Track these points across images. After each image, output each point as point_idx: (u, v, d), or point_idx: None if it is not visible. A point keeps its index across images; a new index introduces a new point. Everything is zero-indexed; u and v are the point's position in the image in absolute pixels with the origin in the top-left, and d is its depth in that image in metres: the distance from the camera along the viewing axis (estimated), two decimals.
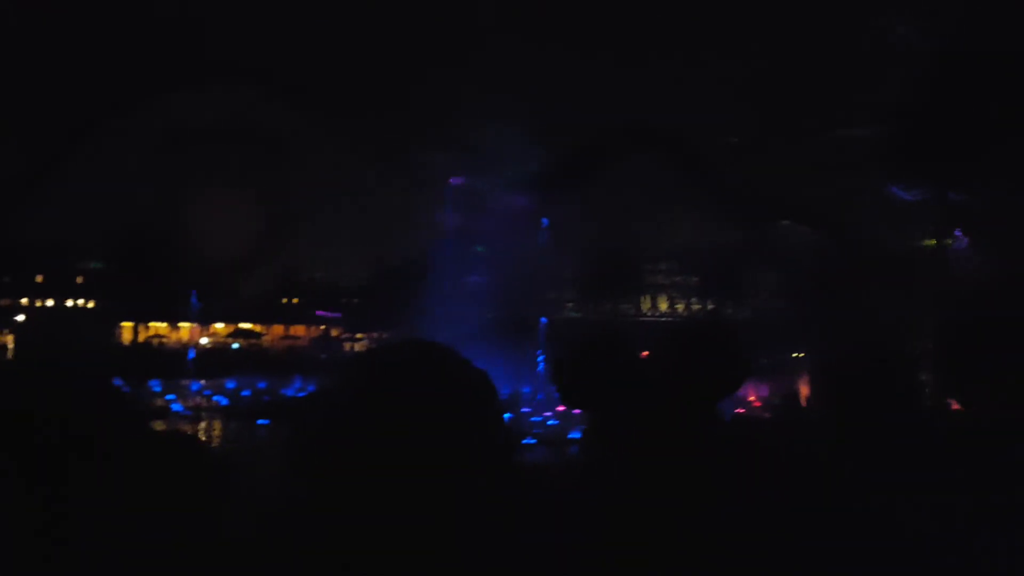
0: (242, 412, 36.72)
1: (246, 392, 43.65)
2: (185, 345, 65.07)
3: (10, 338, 67.19)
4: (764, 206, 77.79)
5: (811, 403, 3.14)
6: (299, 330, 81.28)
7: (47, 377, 2.19)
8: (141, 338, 74.24)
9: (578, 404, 2.94)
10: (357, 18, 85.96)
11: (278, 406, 36.59)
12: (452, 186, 76.39)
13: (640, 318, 74.84)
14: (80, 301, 76.20)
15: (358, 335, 74.95)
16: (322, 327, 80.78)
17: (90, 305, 75.76)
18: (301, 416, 1.66)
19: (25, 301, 74.90)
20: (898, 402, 2.99)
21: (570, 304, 74.41)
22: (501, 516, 1.74)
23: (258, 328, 78.86)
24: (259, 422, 32.37)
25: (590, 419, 2.71)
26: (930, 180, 48.66)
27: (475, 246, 67.31)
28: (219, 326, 76.92)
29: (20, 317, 73.33)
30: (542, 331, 44.55)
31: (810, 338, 43.56)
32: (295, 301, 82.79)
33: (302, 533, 1.64)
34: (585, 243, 72.58)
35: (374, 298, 73.71)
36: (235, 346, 72.86)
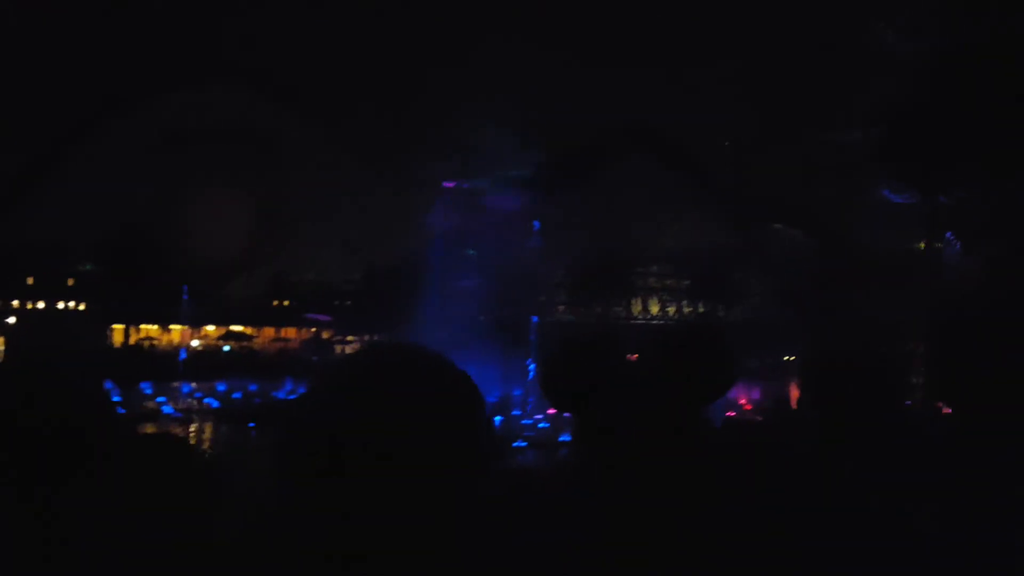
0: (233, 414, 36.66)
1: (237, 394, 43.58)
2: (176, 347, 64.95)
3: (0, 340, 66.93)
4: (757, 208, 77.97)
5: (801, 405, 3.15)
6: (290, 332, 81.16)
7: (37, 378, 2.19)
8: (132, 340, 74.06)
9: (565, 407, 2.94)
10: (352, 21, 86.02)
11: (269, 408, 36.55)
12: (444, 188, 76.42)
13: (631, 321, 74.83)
14: (71, 303, 75.98)
15: (349, 337, 74.85)
16: (313, 329, 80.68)
17: (81, 308, 75.55)
18: (287, 418, 1.67)
19: (16, 303, 74.64)
20: (889, 404, 3.00)
21: (561, 307, 74.40)
22: (488, 517, 1.75)
23: (249, 330, 78.70)
24: (250, 424, 32.34)
25: (578, 422, 2.72)
26: (921, 183, 48.78)
27: (467, 248, 67.28)
28: (210, 328, 76.75)
29: (11, 319, 73.10)
30: (533, 333, 44.51)
31: (801, 340, 43.64)
32: (286, 303, 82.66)
33: (292, 534, 1.64)
34: (577, 246, 72.57)
35: (366, 300, 73.64)
36: (226, 348, 72.71)
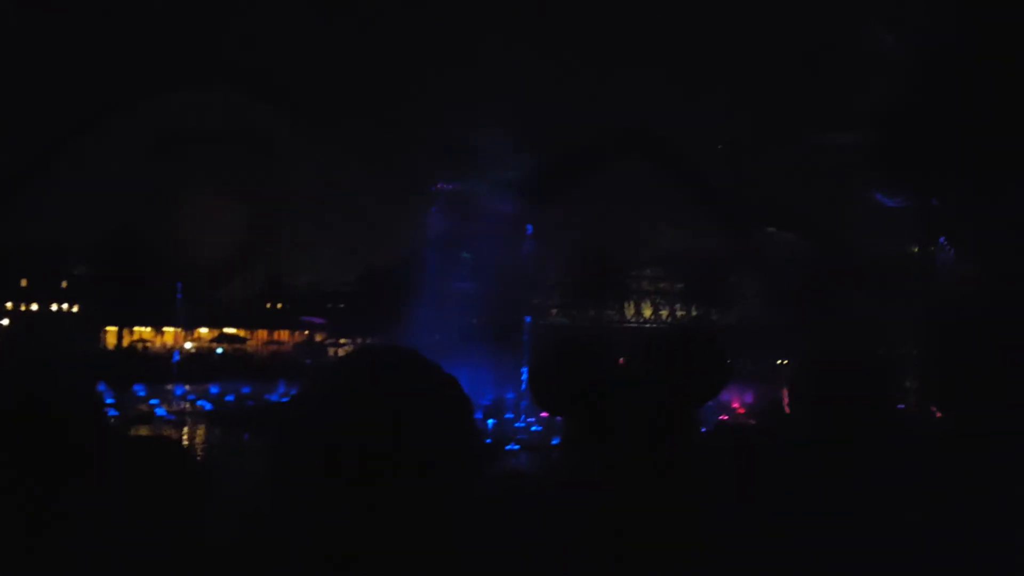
0: (226, 417, 36.60)
1: (230, 397, 43.51)
2: (170, 350, 64.82)
3: None
4: (751, 211, 78.08)
5: (795, 409, 3.16)
6: (283, 335, 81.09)
7: (31, 380, 2.19)
8: (126, 342, 73.97)
9: (556, 410, 2.94)
10: (350, 23, 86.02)
11: (262, 411, 36.49)
12: (439, 191, 76.39)
13: (624, 324, 74.85)
14: (65, 305, 75.85)
15: (342, 340, 74.77)
16: (306, 332, 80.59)
17: (75, 309, 75.43)
18: (279, 420, 1.67)
19: (10, 305, 74.51)
20: (882, 407, 3.00)
21: (555, 310, 74.39)
22: (481, 519, 1.76)
23: (242, 333, 78.65)
24: (242, 427, 32.24)
25: (569, 425, 2.72)
26: (914, 188, 48.92)
27: (461, 252, 67.23)
28: (203, 331, 76.65)
29: (4, 321, 72.96)
30: (526, 336, 44.47)
31: (795, 343, 43.67)
32: (279, 306, 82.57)
33: (285, 535, 1.65)
34: (570, 249, 72.60)
35: (359, 303, 73.57)
36: (219, 351, 72.61)
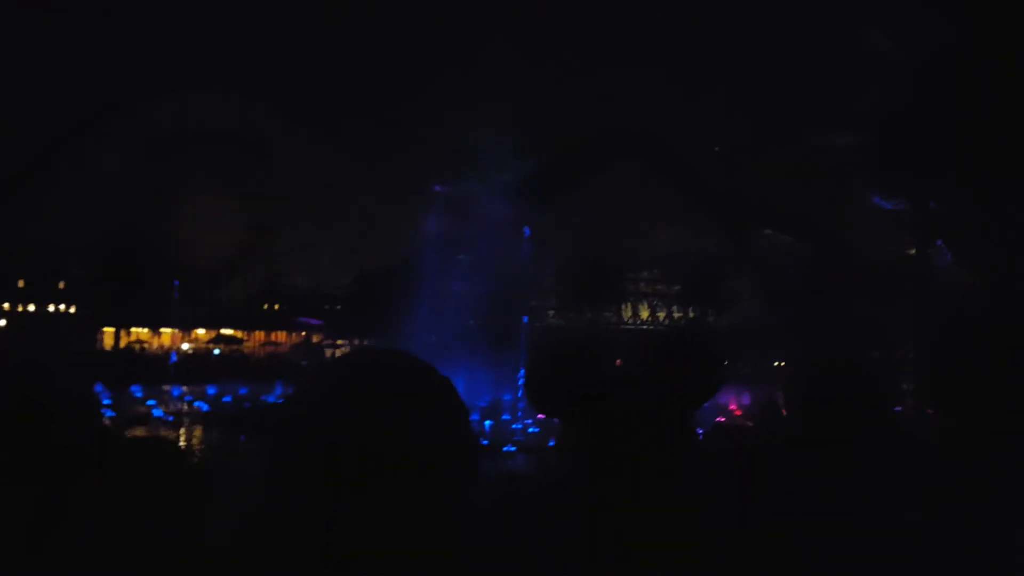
0: (223, 418, 36.54)
1: (227, 398, 43.46)
2: (167, 350, 64.74)
3: None
4: (748, 213, 78.05)
5: (791, 410, 3.16)
6: (281, 336, 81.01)
7: (28, 381, 2.20)
8: (123, 343, 73.90)
9: (551, 411, 2.95)
10: (348, 24, 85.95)
11: (258, 412, 36.42)
12: (436, 193, 76.30)
13: (621, 326, 74.86)
14: (62, 306, 75.76)
15: (339, 341, 74.72)
16: (304, 333, 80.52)
17: (72, 310, 75.34)
18: (274, 422, 1.68)
19: (7, 306, 74.42)
20: (879, 408, 3.01)
21: (552, 312, 74.38)
22: (478, 520, 1.76)
23: (240, 334, 78.56)
24: (239, 428, 32.17)
25: (565, 426, 2.72)
26: (911, 190, 48.93)
27: (458, 254, 67.17)
28: (201, 332, 76.58)
29: (1, 322, 72.87)
30: (523, 338, 44.44)
31: (793, 345, 43.67)
32: (277, 307, 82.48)
33: (282, 536, 1.65)
34: (568, 251, 72.57)
35: (356, 305, 73.50)
36: (216, 352, 72.55)
